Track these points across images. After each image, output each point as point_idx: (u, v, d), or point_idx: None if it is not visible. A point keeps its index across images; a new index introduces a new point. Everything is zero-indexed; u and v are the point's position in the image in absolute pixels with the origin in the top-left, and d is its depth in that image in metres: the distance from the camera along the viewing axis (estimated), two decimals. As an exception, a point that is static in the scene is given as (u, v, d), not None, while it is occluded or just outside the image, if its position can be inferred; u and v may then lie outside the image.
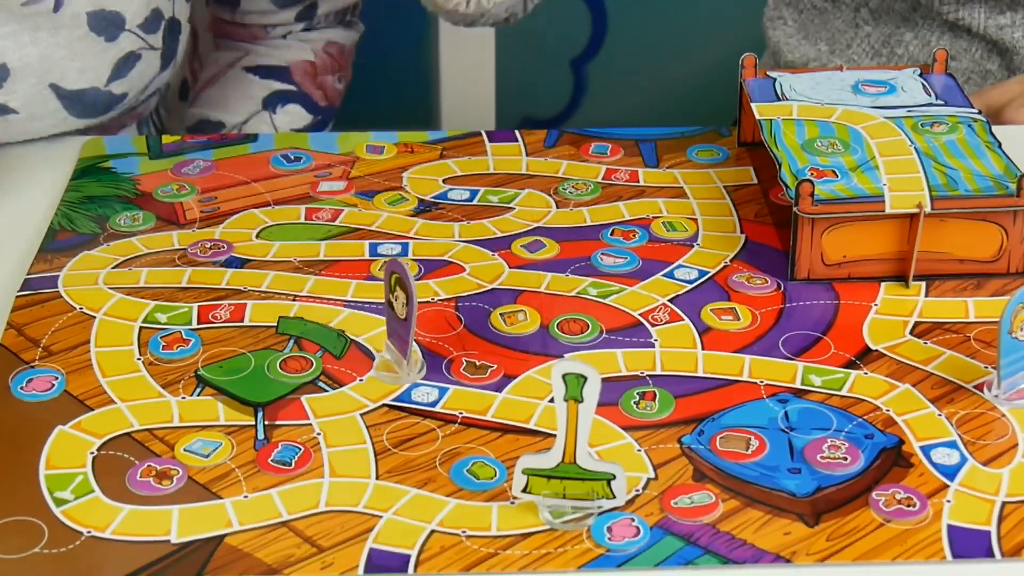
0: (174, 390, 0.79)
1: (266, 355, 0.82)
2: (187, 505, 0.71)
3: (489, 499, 0.71)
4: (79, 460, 0.74)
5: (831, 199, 0.86)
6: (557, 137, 1.07)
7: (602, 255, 0.92)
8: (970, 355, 0.82)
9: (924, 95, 0.98)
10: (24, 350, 0.82)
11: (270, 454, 0.74)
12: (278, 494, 0.71)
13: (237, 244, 0.93)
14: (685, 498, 0.71)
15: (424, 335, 0.84)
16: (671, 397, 0.78)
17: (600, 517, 0.70)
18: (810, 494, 0.71)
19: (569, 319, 0.85)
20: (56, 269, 0.90)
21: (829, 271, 0.89)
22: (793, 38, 1.35)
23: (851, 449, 0.74)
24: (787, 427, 0.76)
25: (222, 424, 0.76)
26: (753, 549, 0.68)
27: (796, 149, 0.92)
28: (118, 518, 0.70)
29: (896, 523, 0.69)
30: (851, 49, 1.30)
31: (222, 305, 0.86)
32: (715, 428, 0.76)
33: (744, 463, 0.73)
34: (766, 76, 1.02)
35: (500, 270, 0.90)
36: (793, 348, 0.83)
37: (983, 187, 0.87)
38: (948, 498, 0.71)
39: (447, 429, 0.76)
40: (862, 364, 0.81)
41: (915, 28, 1.25)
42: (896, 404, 0.78)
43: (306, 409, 0.78)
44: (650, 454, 0.74)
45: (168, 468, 0.73)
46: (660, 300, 0.87)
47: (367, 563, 0.67)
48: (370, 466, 0.73)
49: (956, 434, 0.76)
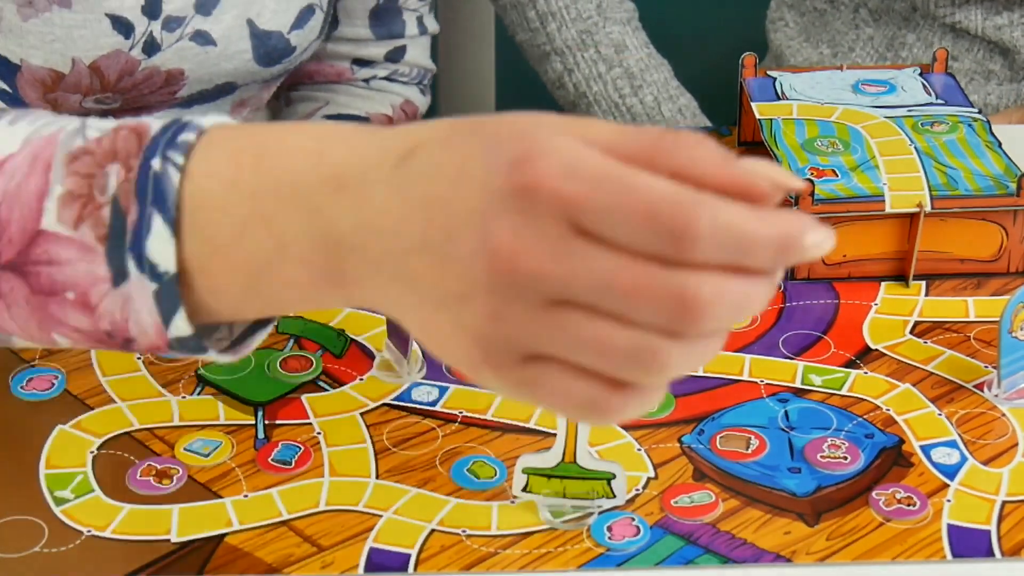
0: (174, 389, 0.79)
1: (266, 354, 0.82)
2: (187, 504, 0.71)
3: (489, 498, 0.71)
4: (79, 459, 0.74)
5: (831, 198, 0.86)
6: (557, 137, 1.07)
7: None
8: (970, 355, 0.82)
9: (924, 94, 0.98)
10: (24, 349, 0.82)
11: (270, 453, 0.74)
12: (278, 493, 0.71)
13: (237, 243, 0.93)
14: (685, 497, 0.71)
15: (424, 334, 0.84)
16: (671, 396, 0.78)
17: (600, 516, 0.70)
18: (810, 493, 0.71)
19: (569, 318, 0.85)
20: (56, 268, 0.90)
21: (829, 270, 0.89)
22: (795, 40, 1.35)
23: (851, 448, 0.74)
24: (787, 426, 0.76)
25: (222, 423, 0.76)
26: (753, 548, 0.68)
27: (796, 148, 0.92)
28: (118, 517, 0.70)
29: (896, 522, 0.69)
30: (854, 52, 1.30)
31: (222, 304, 0.86)
32: (715, 427, 0.76)
33: (744, 462, 0.73)
34: (766, 75, 1.02)
35: (500, 269, 0.90)
36: (793, 347, 0.83)
37: (983, 187, 0.87)
38: (948, 497, 0.71)
39: (447, 428, 0.76)
40: (862, 363, 0.81)
41: (917, 29, 1.25)
42: (896, 403, 0.78)
43: (306, 408, 0.78)
44: (650, 453, 0.74)
45: (168, 467, 0.73)
46: (660, 299, 0.87)
47: (367, 562, 0.67)
48: (370, 465, 0.73)
49: (956, 433, 0.76)
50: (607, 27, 1.24)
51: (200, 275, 0.55)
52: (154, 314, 0.56)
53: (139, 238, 0.55)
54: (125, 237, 0.55)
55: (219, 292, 0.56)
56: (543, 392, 0.51)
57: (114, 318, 0.56)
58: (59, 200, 0.57)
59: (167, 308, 0.55)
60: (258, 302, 0.56)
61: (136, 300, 0.56)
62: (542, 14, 1.25)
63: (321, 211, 0.53)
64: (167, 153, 0.55)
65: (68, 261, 0.57)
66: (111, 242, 0.56)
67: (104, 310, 0.57)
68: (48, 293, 0.57)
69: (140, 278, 0.55)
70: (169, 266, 0.55)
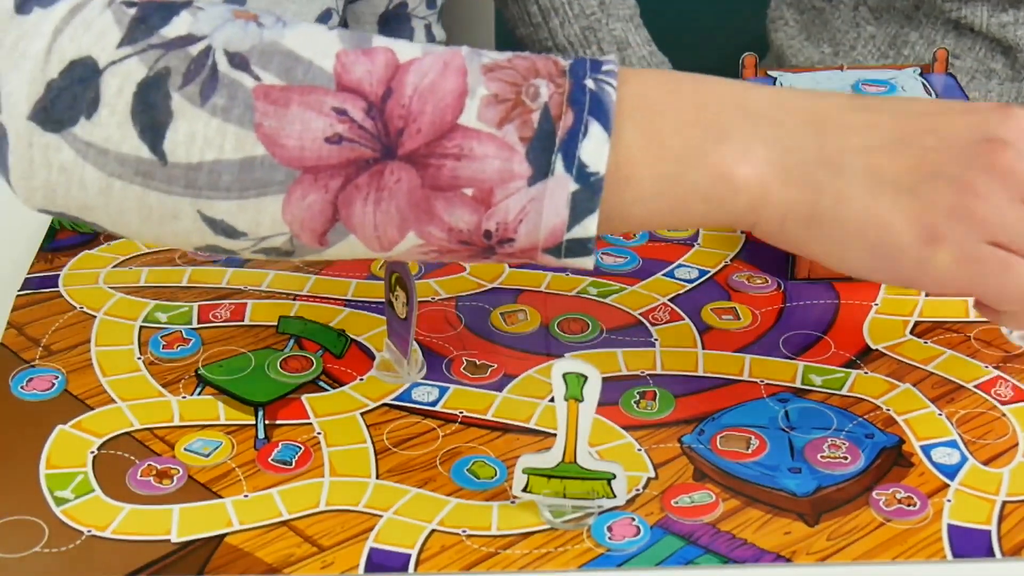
0: (174, 389, 0.79)
1: (266, 354, 0.82)
2: (187, 504, 0.71)
3: (489, 498, 0.71)
4: (79, 459, 0.74)
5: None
6: (558, 136, 1.07)
7: (602, 254, 0.92)
8: (970, 355, 0.82)
9: (924, 95, 0.98)
10: (24, 349, 0.82)
11: (270, 453, 0.74)
12: (278, 493, 0.71)
13: (237, 243, 0.93)
14: (685, 497, 0.71)
15: (424, 334, 0.84)
16: (671, 396, 0.78)
17: (600, 516, 0.70)
18: (810, 493, 0.71)
19: (569, 318, 0.85)
20: (56, 268, 0.90)
21: (829, 270, 0.88)
22: (796, 39, 1.35)
23: (851, 448, 0.74)
24: (787, 426, 0.76)
25: (222, 423, 0.76)
26: (753, 548, 0.68)
27: (797, 148, 0.92)
28: (118, 517, 0.70)
29: (896, 522, 0.69)
30: (856, 51, 1.30)
31: (222, 304, 0.86)
32: (715, 427, 0.76)
33: (744, 462, 0.73)
34: (767, 75, 1.01)
35: (500, 269, 0.90)
36: (793, 348, 0.83)
37: (984, 186, 0.87)
38: (948, 497, 0.71)
39: (447, 428, 0.76)
40: (862, 363, 0.81)
41: (919, 27, 1.25)
42: (896, 403, 0.78)
43: (306, 408, 0.78)
44: (650, 453, 0.74)
45: (168, 467, 0.73)
46: (660, 299, 0.87)
47: (367, 562, 0.67)
48: (370, 465, 0.73)
49: (956, 433, 0.76)
50: (610, 24, 1.24)
51: (621, 182, 0.62)
52: (562, 215, 0.61)
53: (573, 141, 0.61)
54: (555, 139, 0.60)
55: (638, 190, 0.63)
56: (998, 272, 0.63)
57: (507, 217, 0.62)
58: (482, 100, 0.61)
59: (582, 208, 0.61)
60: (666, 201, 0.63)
61: (549, 200, 0.61)
62: (544, 9, 1.25)
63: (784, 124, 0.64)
64: (596, 76, 0.62)
65: (482, 157, 0.61)
66: (536, 143, 0.61)
67: (501, 208, 0.61)
68: (443, 188, 0.61)
69: (564, 177, 0.61)
70: (600, 167, 0.61)
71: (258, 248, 0.65)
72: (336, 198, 0.62)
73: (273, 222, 0.63)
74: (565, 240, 0.62)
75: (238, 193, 0.62)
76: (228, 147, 0.61)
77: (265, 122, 0.61)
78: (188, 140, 0.61)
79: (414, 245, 0.64)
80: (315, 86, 0.61)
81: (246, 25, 0.63)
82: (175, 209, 0.63)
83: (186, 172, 0.62)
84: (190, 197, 0.63)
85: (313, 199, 0.62)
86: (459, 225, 0.62)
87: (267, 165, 0.61)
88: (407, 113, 0.61)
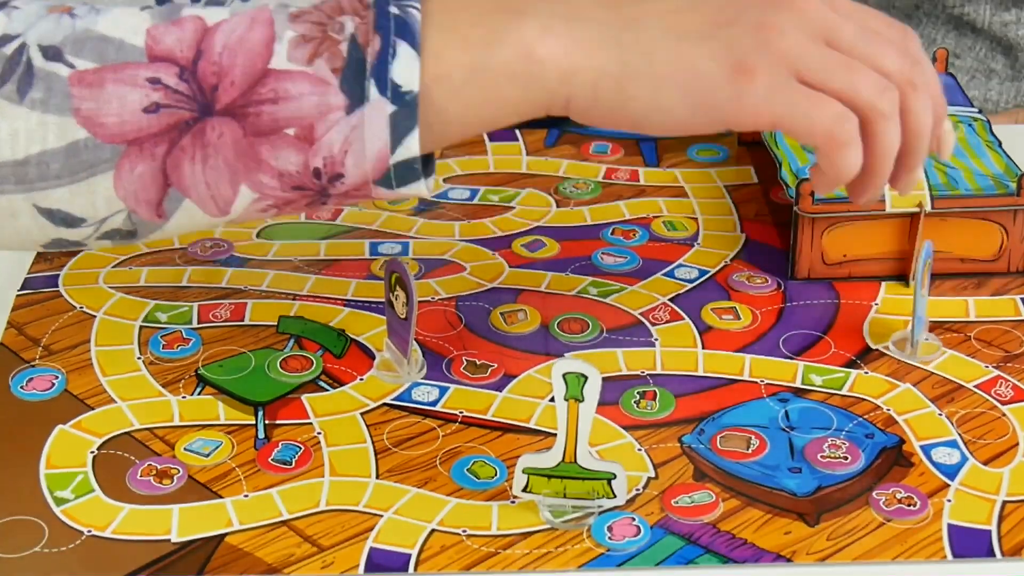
0: (174, 389, 0.79)
1: (266, 354, 0.82)
2: (187, 504, 0.71)
3: (489, 498, 0.71)
4: (79, 459, 0.74)
5: (832, 198, 0.86)
6: (557, 136, 1.07)
7: (602, 254, 0.92)
8: (970, 355, 0.82)
9: (925, 94, 0.98)
10: (24, 349, 0.82)
11: (270, 453, 0.74)
12: (278, 493, 0.71)
13: (237, 243, 0.93)
14: (685, 497, 0.71)
15: (424, 334, 0.84)
16: (671, 396, 0.78)
17: (600, 516, 0.70)
18: (810, 493, 0.71)
19: (569, 318, 0.85)
20: (56, 268, 0.90)
21: (829, 270, 0.89)
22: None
23: (851, 448, 0.74)
24: (787, 426, 0.76)
25: (222, 423, 0.76)
26: (753, 548, 0.68)
27: (796, 148, 0.92)
28: (118, 517, 0.70)
29: (896, 522, 0.69)
30: (854, 49, 1.30)
31: (222, 304, 0.86)
32: (715, 427, 0.76)
33: (744, 462, 0.73)
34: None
35: (500, 269, 0.90)
36: (793, 347, 0.83)
37: (983, 186, 0.87)
38: (948, 497, 0.71)
39: (447, 428, 0.76)
40: (862, 363, 0.81)
41: (919, 26, 1.25)
42: (896, 403, 0.78)
43: (306, 408, 0.78)
44: (650, 453, 0.74)
45: (168, 467, 0.73)
46: (660, 299, 0.87)
47: (367, 562, 0.67)
48: (370, 465, 0.73)
49: (956, 433, 0.76)
50: None
51: (431, 83, 0.63)
52: (384, 138, 0.62)
53: (383, 64, 0.62)
54: (365, 66, 0.62)
55: (447, 84, 0.63)
56: (807, 104, 0.64)
57: (332, 151, 0.63)
58: (290, 42, 0.63)
59: (402, 128, 0.62)
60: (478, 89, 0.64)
61: (368, 126, 0.62)
62: None
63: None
64: (400, 2, 0.63)
65: (298, 95, 0.62)
66: (348, 72, 0.62)
67: (324, 142, 0.62)
68: (265, 133, 0.63)
69: (380, 101, 0.62)
70: (413, 85, 0.62)
71: (100, 233, 0.66)
72: (164, 164, 0.64)
73: (108, 200, 0.64)
74: (392, 165, 0.63)
75: (69, 178, 0.63)
76: (51, 137, 0.63)
77: (83, 106, 0.63)
78: (11, 138, 0.63)
79: (250, 200, 0.65)
80: (128, 63, 0.63)
81: (59, 18, 0.65)
82: (11, 207, 0.65)
83: (14, 169, 0.63)
84: (23, 192, 0.64)
85: (142, 169, 0.64)
86: (287, 168, 0.64)
87: (91, 146, 0.63)
88: (219, 69, 0.63)
